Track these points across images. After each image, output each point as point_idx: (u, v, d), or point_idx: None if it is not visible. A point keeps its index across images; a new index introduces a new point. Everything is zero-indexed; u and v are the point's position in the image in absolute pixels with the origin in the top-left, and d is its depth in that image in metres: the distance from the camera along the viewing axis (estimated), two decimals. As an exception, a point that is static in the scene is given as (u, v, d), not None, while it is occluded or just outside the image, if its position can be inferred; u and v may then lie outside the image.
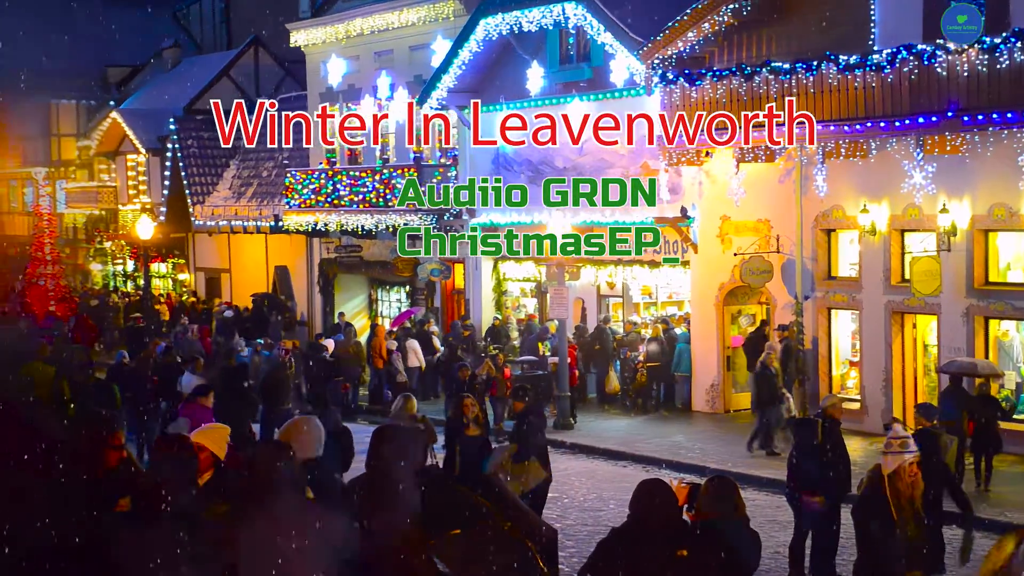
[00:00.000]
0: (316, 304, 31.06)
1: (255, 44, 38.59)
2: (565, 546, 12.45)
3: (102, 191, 39.68)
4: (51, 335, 24.81)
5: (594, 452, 18.74)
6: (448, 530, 5.73)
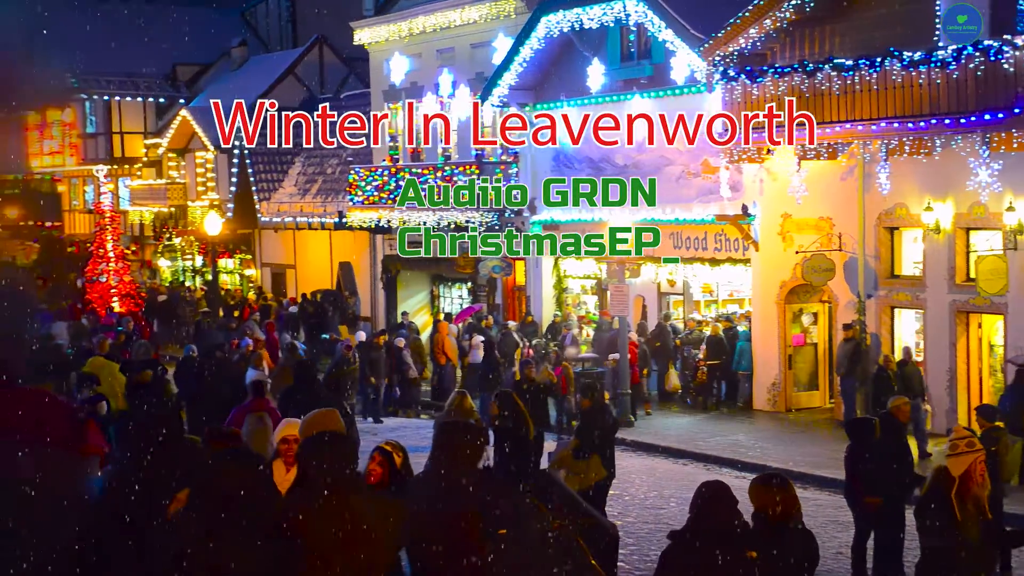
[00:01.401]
0: (379, 300, 31.38)
1: (320, 42, 39.06)
2: (626, 543, 12.48)
3: (171, 188, 40.36)
4: (114, 331, 25.27)
5: (654, 450, 18.75)
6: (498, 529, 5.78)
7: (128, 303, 33.19)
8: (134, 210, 43.00)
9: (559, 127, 24.42)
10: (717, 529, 5.64)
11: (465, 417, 11.76)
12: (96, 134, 44.45)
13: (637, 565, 12.11)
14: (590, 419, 13.07)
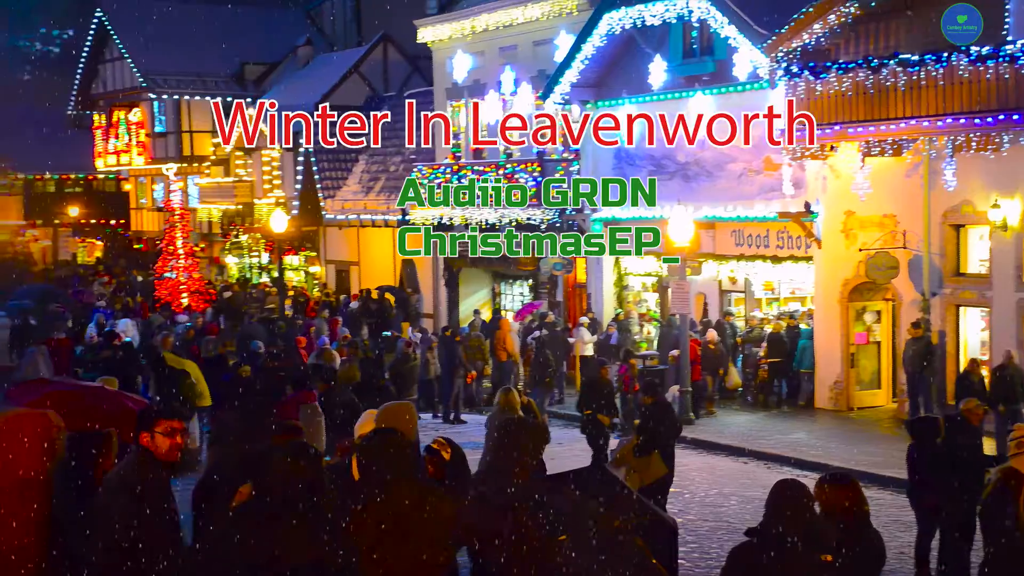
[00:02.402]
0: (442, 297, 31.59)
1: (384, 40, 39.36)
2: (686, 541, 12.52)
3: (238, 186, 40.95)
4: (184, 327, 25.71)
5: (715, 448, 18.70)
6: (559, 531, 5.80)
7: (197, 299, 33.67)
8: (203, 208, 43.67)
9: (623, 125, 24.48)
10: (793, 530, 5.53)
11: (512, 412, 11.81)
12: (165, 133, 45.24)
13: (697, 563, 12.12)
14: (651, 416, 13.10)
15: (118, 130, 47.22)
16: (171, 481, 6.12)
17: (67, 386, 11.13)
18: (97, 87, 48.74)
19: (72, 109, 49.90)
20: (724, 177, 22.59)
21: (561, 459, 16.28)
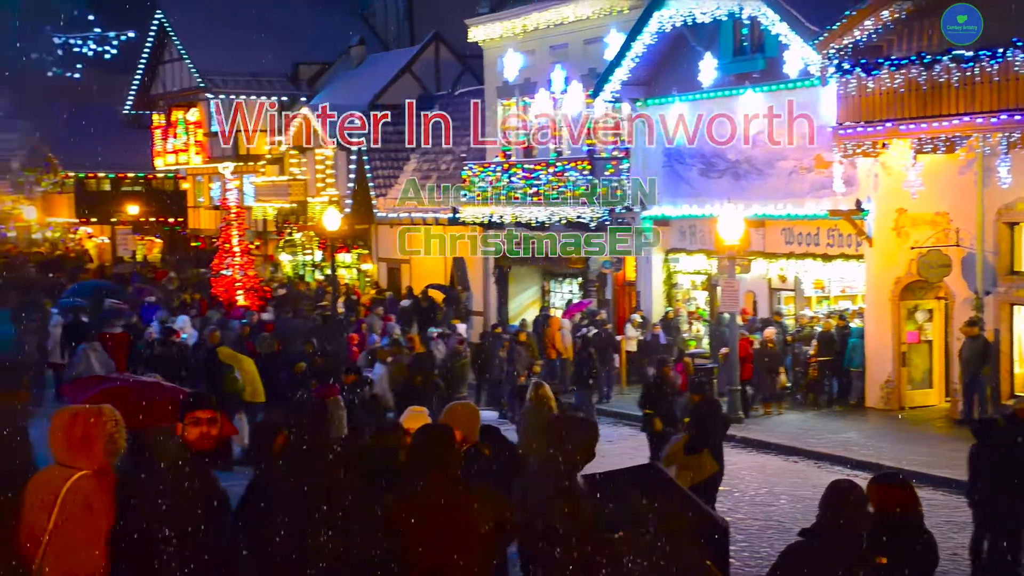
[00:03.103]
0: (491, 295, 31.72)
1: (436, 40, 39.58)
2: (736, 540, 12.48)
3: (293, 184, 41.36)
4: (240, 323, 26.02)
5: (764, 447, 18.63)
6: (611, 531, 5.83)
7: (252, 297, 34.02)
8: (258, 206, 44.16)
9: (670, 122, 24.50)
10: (847, 530, 5.49)
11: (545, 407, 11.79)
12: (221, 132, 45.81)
13: (747, 562, 12.10)
14: (701, 414, 13.08)
15: (176, 129, 47.91)
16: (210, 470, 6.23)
17: (122, 381, 11.24)
18: (156, 87, 49.47)
19: (130, 109, 50.68)
20: (774, 175, 22.48)
21: (611, 457, 16.36)
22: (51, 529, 5.83)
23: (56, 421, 6.06)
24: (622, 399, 23.01)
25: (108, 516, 5.85)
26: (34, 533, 5.90)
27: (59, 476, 5.90)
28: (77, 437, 5.93)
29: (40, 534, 5.87)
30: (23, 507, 5.97)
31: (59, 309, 27.11)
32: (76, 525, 5.79)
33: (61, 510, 5.81)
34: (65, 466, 5.92)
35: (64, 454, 5.94)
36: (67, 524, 5.81)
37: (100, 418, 5.98)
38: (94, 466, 5.91)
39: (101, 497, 5.87)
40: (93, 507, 5.82)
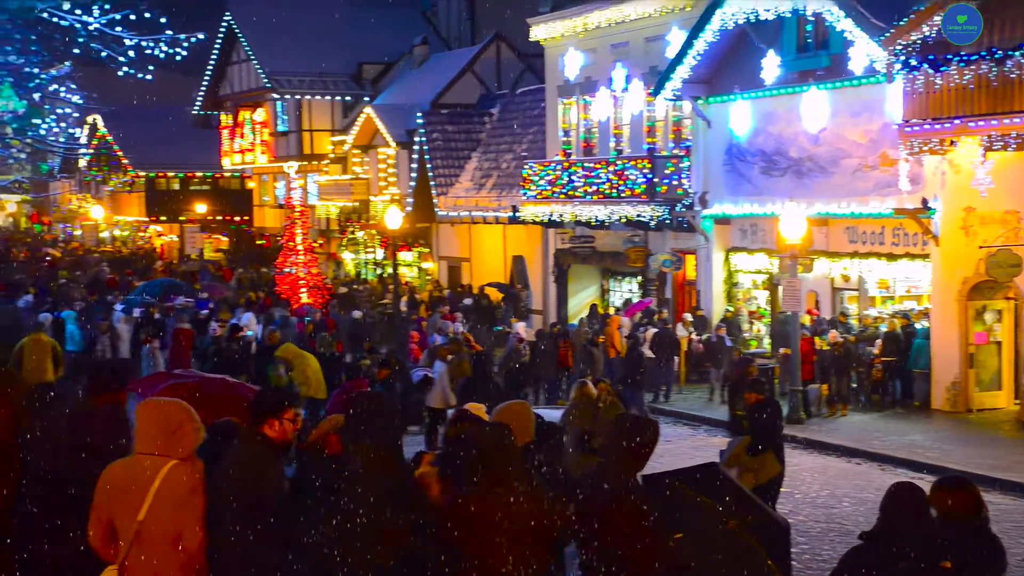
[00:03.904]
0: (551, 294, 31.72)
1: (497, 39, 39.70)
2: (797, 542, 12.32)
3: (355, 183, 41.74)
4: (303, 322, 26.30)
5: (826, 448, 18.38)
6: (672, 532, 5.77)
7: (315, 295, 34.35)
8: (321, 205, 44.62)
9: (731, 120, 24.34)
10: (909, 534, 5.38)
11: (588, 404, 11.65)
12: (287, 132, 46.37)
13: (809, 564, 11.95)
14: (761, 414, 12.89)
15: (243, 129, 48.56)
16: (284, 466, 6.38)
17: (189, 378, 11.32)
18: (224, 88, 50.20)
19: (199, 110, 51.47)
20: (838, 173, 22.19)
21: (669, 456, 16.27)
22: (143, 519, 5.89)
23: (144, 411, 6.13)
24: (680, 398, 22.89)
25: (201, 503, 5.94)
26: (120, 520, 5.96)
27: (150, 465, 5.95)
28: (169, 427, 6.00)
29: (128, 523, 5.92)
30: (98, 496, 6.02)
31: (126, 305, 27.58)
32: (171, 513, 5.87)
33: (156, 499, 5.88)
34: (155, 455, 5.98)
35: (154, 443, 5.99)
36: (162, 512, 5.88)
37: (187, 408, 6.08)
38: (184, 455, 5.99)
39: (194, 485, 5.96)
40: (188, 495, 5.91)
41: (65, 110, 32.33)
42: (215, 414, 7.41)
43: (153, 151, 53.33)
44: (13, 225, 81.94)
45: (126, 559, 5.97)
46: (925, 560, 5.36)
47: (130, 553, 5.96)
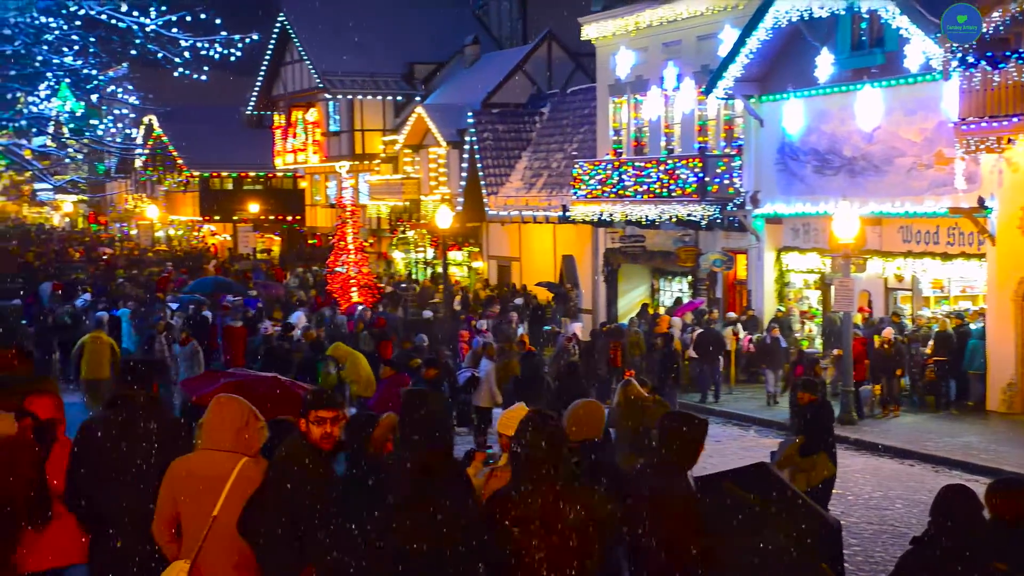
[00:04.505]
0: (600, 293, 31.68)
1: (548, 38, 39.71)
2: (849, 544, 12.23)
3: (406, 183, 41.95)
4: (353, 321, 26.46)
5: (879, 449, 18.21)
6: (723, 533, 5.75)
7: (366, 294, 34.57)
8: (372, 204, 44.90)
9: (783, 119, 24.16)
10: (964, 537, 5.31)
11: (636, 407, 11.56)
12: (339, 132, 46.72)
13: (861, 566, 11.87)
14: (814, 414, 12.78)
15: (296, 129, 48.99)
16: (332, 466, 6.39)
17: (241, 377, 11.39)
18: (277, 88, 50.68)
19: (252, 110, 52.00)
20: (892, 172, 21.95)
21: (719, 457, 16.23)
22: (217, 514, 6.00)
23: (215, 408, 6.25)
24: (730, 399, 22.77)
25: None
26: (192, 515, 6.07)
27: (224, 461, 6.08)
28: (241, 424, 6.12)
29: (199, 518, 6.03)
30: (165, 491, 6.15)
31: (179, 304, 27.92)
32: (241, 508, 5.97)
33: (230, 494, 5.99)
34: (226, 451, 6.10)
35: (225, 440, 6.11)
36: (236, 507, 5.97)
37: (252, 407, 6.19)
38: (252, 452, 6.12)
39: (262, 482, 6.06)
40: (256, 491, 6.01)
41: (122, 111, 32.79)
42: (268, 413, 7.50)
43: (207, 151, 53.95)
44: (70, 225, 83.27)
45: (199, 553, 6.06)
46: (978, 564, 5.28)
47: (204, 547, 6.04)
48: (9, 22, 20.72)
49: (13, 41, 21.44)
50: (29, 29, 21.27)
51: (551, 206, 32.82)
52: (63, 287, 32.14)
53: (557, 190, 33.15)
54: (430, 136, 39.94)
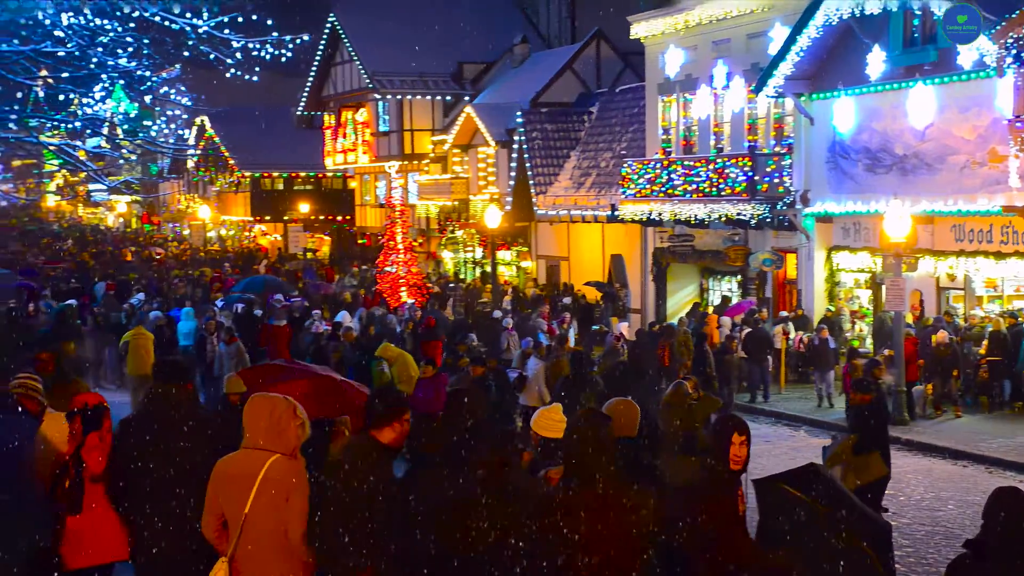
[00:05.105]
0: (649, 293, 31.60)
1: (597, 37, 39.66)
2: (901, 545, 12.17)
3: (455, 182, 42.08)
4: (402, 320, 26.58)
5: (931, 450, 18.04)
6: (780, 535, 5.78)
7: (415, 293, 34.73)
8: (421, 204, 45.07)
9: (834, 117, 23.93)
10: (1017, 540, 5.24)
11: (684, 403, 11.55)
12: (389, 132, 46.95)
13: (913, 568, 11.78)
14: (868, 414, 12.64)
15: (345, 129, 49.31)
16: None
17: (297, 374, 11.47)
18: (327, 89, 51.04)
19: (303, 110, 52.41)
20: (945, 170, 21.70)
21: (769, 458, 16.17)
22: (248, 512, 6.10)
23: (251, 406, 6.34)
24: (780, 398, 22.63)
25: (303, 499, 6.11)
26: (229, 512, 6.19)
27: (256, 459, 6.16)
28: (274, 422, 6.18)
29: (236, 515, 6.14)
30: (210, 488, 6.28)
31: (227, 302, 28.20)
32: (274, 507, 6.06)
33: (259, 492, 6.07)
34: (260, 449, 6.18)
35: (260, 437, 6.20)
36: (265, 505, 6.08)
37: (293, 405, 6.25)
38: (287, 450, 6.17)
39: (294, 480, 6.12)
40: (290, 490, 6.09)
41: (174, 112, 33.23)
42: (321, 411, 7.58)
43: (258, 152, 54.45)
44: (124, 225, 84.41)
45: (235, 551, 6.16)
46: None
47: (238, 545, 6.14)
48: (62, 24, 21.06)
49: (67, 43, 21.77)
50: (84, 31, 21.59)
51: (600, 205, 32.79)
52: (116, 287, 32.59)
53: (606, 189, 33.11)
54: (479, 136, 40.03)
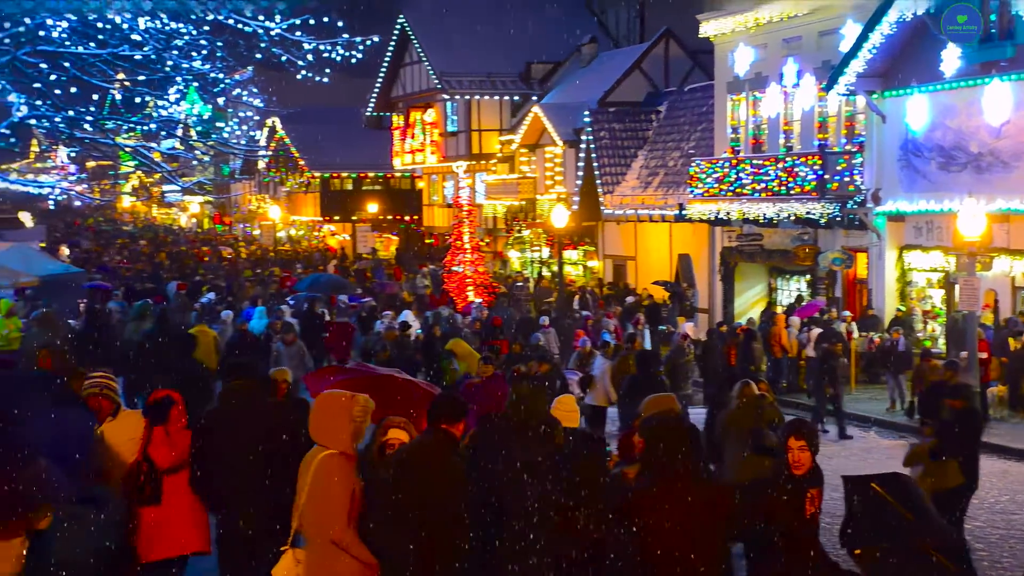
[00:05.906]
0: (717, 292, 31.39)
1: (666, 36, 39.49)
2: (975, 548, 11.99)
3: (522, 182, 42.16)
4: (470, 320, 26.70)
5: (1008, 452, 17.69)
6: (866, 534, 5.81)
7: (482, 293, 34.86)
8: (488, 204, 45.23)
9: (907, 114, 23.58)
10: None
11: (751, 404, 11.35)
12: (457, 132, 47.19)
13: (987, 571, 11.58)
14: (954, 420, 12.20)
15: (414, 130, 49.66)
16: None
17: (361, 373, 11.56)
18: (396, 90, 51.42)
19: (372, 111, 52.88)
20: (1021, 167, 21.29)
21: (839, 459, 16.02)
22: (303, 503, 6.31)
23: (315, 403, 6.58)
24: (850, 399, 22.33)
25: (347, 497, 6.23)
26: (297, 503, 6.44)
27: (313, 454, 6.39)
28: (328, 418, 6.35)
29: (298, 505, 6.39)
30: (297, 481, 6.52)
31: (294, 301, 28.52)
32: (320, 501, 6.23)
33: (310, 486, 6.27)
34: (319, 445, 6.38)
35: (318, 435, 6.40)
36: (313, 499, 6.26)
37: (351, 403, 6.37)
38: (339, 447, 6.30)
39: (342, 477, 6.24)
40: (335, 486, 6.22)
41: (246, 113, 33.75)
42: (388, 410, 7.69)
43: (328, 152, 55.01)
44: (196, 225, 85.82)
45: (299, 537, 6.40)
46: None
47: (299, 533, 6.38)
48: (139, 28, 21.46)
49: (144, 47, 22.19)
50: (160, 35, 21.99)
51: (667, 205, 32.64)
52: (187, 287, 33.14)
53: (673, 189, 32.95)
54: (546, 135, 40.06)
